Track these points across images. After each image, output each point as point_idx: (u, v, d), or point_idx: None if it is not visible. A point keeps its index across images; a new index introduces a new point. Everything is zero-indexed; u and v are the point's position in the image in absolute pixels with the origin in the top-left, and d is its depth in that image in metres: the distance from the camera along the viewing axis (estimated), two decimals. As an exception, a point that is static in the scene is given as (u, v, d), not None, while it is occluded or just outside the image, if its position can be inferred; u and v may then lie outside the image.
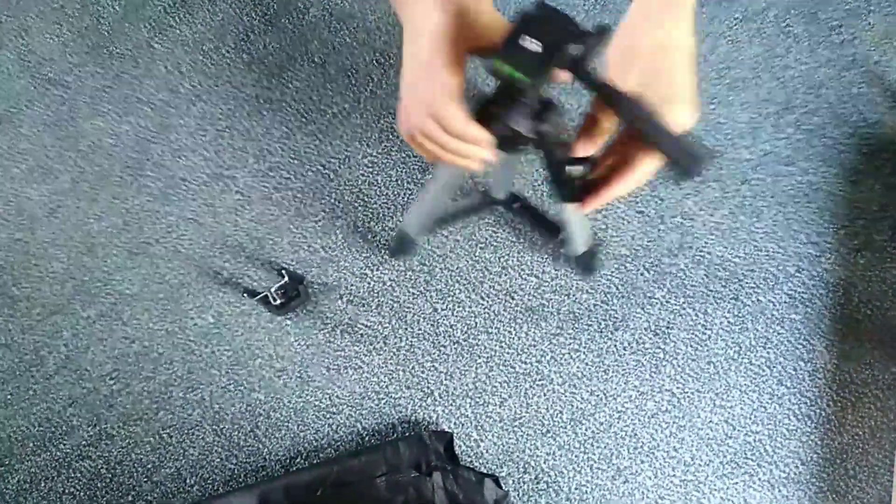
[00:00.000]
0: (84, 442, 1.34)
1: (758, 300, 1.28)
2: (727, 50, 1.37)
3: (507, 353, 1.31)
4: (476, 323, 1.32)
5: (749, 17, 1.38)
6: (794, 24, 1.37)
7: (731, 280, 1.29)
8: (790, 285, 1.28)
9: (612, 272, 1.31)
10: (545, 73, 0.54)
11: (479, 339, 1.32)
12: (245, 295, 1.32)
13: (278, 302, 1.27)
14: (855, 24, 1.35)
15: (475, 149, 0.62)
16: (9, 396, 1.36)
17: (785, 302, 1.28)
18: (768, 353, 1.26)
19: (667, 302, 1.29)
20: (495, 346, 1.31)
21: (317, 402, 1.32)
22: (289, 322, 1.35)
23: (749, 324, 1.28)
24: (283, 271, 1.30)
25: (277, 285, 1.27)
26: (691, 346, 1.28)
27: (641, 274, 1.31)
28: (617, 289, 1.31)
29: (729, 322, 1.28)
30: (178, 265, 1.38)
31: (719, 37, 1.38)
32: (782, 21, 1.37)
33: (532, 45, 0.53)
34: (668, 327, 1.29)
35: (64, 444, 1.34)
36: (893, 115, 1.32)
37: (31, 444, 1.34)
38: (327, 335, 1.34)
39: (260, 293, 1.28)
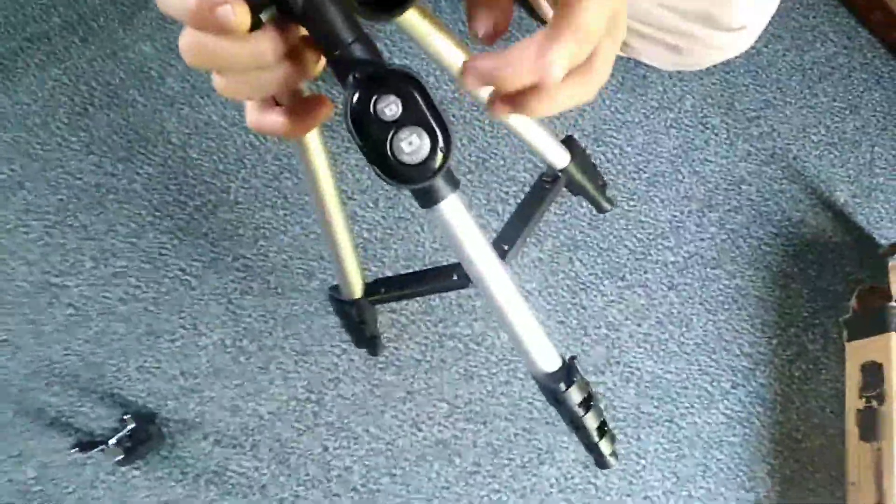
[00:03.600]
0: None
1: (693, 422, 1.15)
2: (644, 141, 1.26)
3: (416, 499, 1.09)
4: (377, 463, 1.10)
5: (665, 106, 1.28)
6: (711, 114, 1.29)
7: (664, 399, 1.15)
8: (726, 403, 1.16)
9: (534, 394, 1.14)
10: None
11: (380, 484, 1.09)
12: (77, 449, 1.02)
13: (121, 456, 0.99)
14: (772, 115, 1.29)
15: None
16: None
17: (722, 423, 1.15)
18: (708, 482, 1.13)
19: (595, 427, 1.13)
20: (401, 491, 1.09)
21: (174, 578, 1.04)
22: (137, 472, 1.07)
23: (686, 450, 1.14)
24: (128, 416, 1.02)
25: (120, 434, 0.99)
26: (625, 478, 1.12)
27: (566, 395, 1.14)
28: (540, 414, 1.13)
29: (664, 448, 1.14)
30: (-16, 405, 1.07)
31: (635, 126, 1.27)
32: (699, 111, 1.28)
33: None
34: (598, 457, 1.12)
35: None
36: (815, 214, 1.25)
37: None
38: (188, 487, 1.07)
39: (98, 444, 1.00)
